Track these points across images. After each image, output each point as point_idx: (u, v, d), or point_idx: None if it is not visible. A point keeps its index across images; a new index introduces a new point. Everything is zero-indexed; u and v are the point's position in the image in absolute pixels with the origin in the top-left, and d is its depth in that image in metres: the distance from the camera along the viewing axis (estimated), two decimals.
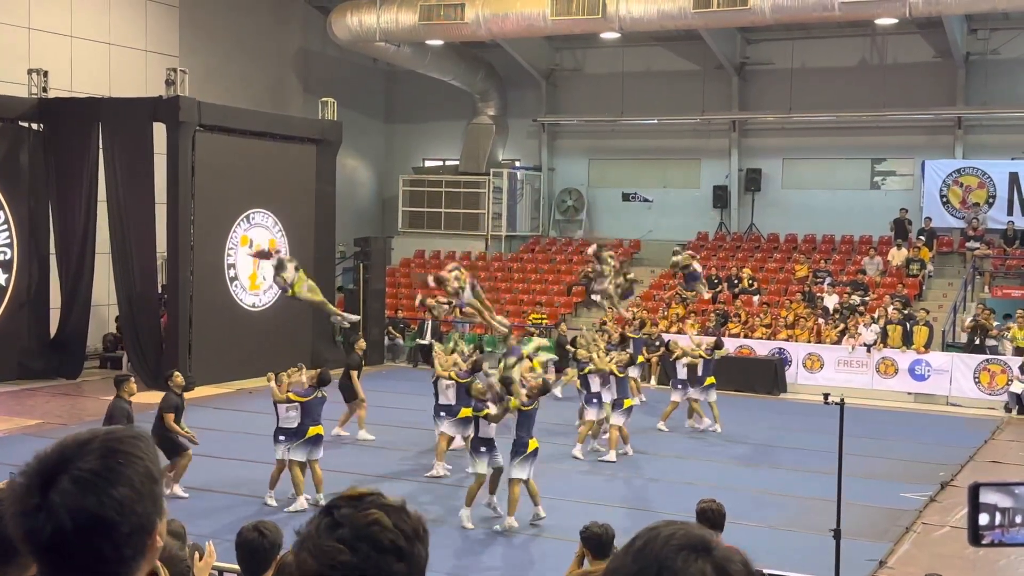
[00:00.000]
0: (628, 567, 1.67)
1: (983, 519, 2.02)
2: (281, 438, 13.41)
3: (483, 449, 12.80)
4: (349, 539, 1.73)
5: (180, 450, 13.65)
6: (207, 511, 12.99)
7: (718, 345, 19.87)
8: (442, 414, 15.52)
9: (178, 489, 13.52)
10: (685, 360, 18.75)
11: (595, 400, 16.61)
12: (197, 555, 5.39)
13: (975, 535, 2.05)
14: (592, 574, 7.31)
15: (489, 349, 23.34)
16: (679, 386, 18.95)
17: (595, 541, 7.28)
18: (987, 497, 2.02)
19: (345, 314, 17.80)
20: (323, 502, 12.84)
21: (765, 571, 7.28)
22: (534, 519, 12.69)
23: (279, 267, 13.44)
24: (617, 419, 16.59)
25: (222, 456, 15.61)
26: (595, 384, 16.68)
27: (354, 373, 17.26)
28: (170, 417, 13.62)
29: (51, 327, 23.28)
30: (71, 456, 1.82)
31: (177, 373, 14.52)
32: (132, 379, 13.75)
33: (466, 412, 14.44)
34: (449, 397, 15.36)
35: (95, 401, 19.37)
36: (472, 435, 13.32)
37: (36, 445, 1.92)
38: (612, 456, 16.41)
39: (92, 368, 23.84)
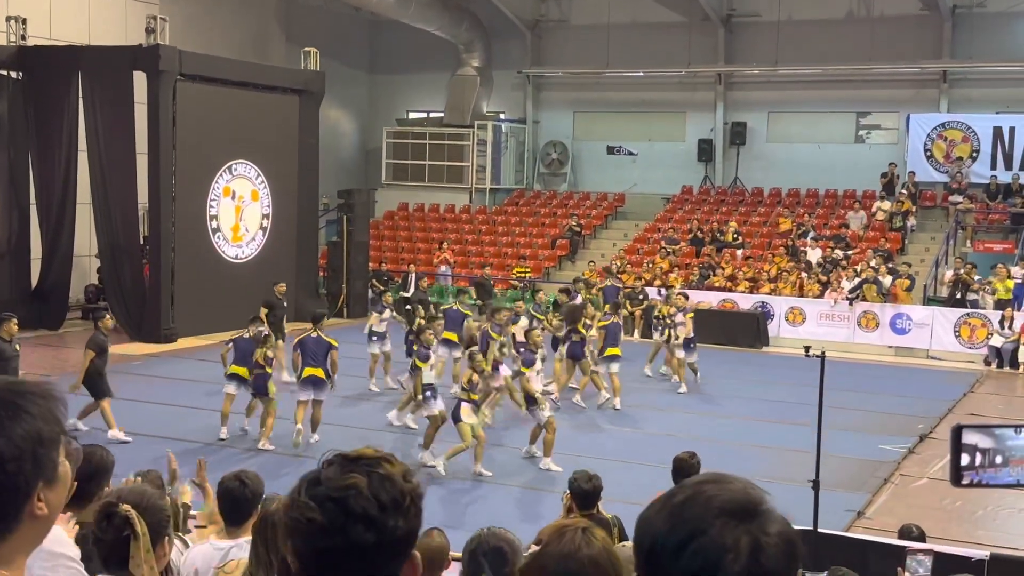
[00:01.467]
0: (659, 525, 1.59)
1: (964, 459, 2.04)
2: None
3: (428, 394, 13.49)
4: (322, 498, 1.71)
5: (103, 394, 13.90)
6: (190, 461, 13.01)
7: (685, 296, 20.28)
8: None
9: (117, 433, 13.60)
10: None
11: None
12: (208, 496, 5.41)
13: (956, 475, 2.06)
14: (567, 527, 7.38)
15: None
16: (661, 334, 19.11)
17: (580, 494, 7.38)
18: (969, 438, 2.04)
19: None
20: (314, 439, 13.39)
21: None
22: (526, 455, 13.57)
23: None
24: (614, 367, 16.91)
25: (204, 407, 15.63)
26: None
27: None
28: (90, 355, 13.94)
29: (32, 278, 23.15)
30: None
31: (108, 317, 15.41)
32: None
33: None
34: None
35: (77, 352, 19.24)
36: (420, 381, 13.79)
37: None
38: (618, 403, 16.71)
39: (74, 319, 23.75)
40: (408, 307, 17.85)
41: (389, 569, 1.75)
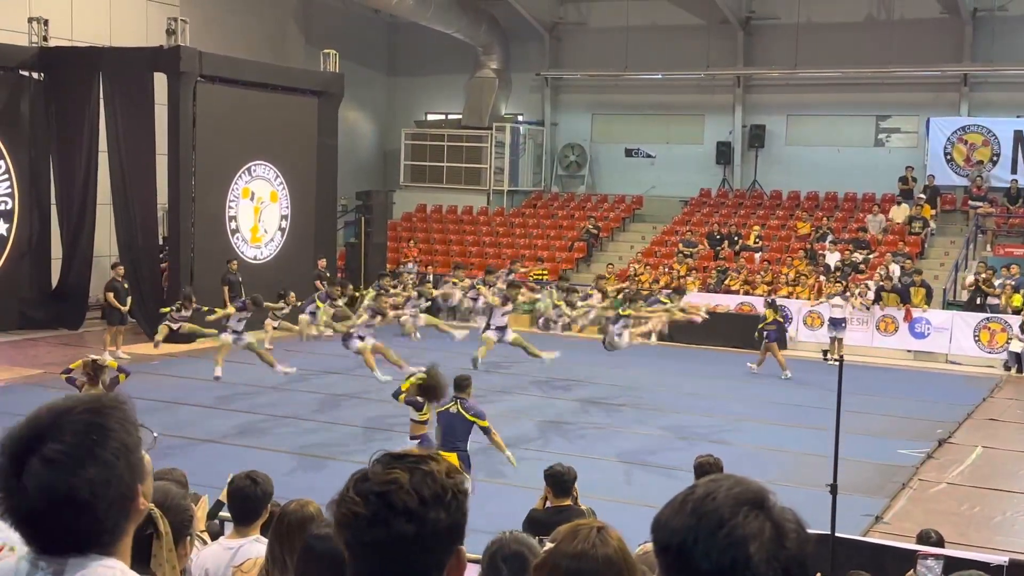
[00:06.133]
0: (685, 519, 1.65)
1: None
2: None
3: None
4: (366, 493, 1.81)
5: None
6: (203, 460, 13.08)
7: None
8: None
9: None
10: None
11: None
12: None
13: None
14: (582, 526, 7.40)
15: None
16: None
17: (556, 479, 7.50)
18: None
19: None
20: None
21: None
22: None
23: None
24: None
25: (220, 407, 15.70)
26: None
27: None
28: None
29: (53, 277, 23.30)
30: (42, 434, 1.84)
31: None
32: None
33: None
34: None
35: (97, 352, 19.41)
36: None
37: (38, 394, 1.93)
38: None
39: (94, 319, 23.87)
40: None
41: (434, 560, 1.84)
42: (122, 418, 1.90)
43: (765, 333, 20.35)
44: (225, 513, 6.18)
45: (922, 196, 27.11)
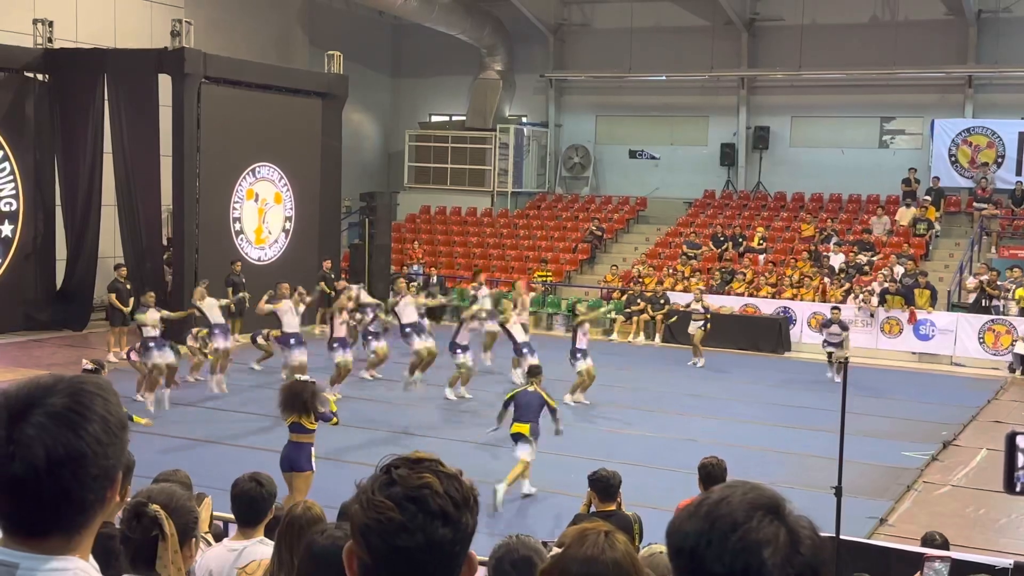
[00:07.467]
0: (699, 524, 1.66)
1: (1020, 460, 2.06)
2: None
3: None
4: (399, 498, 1.78)
5: None
6: (206, 461, 13.08)
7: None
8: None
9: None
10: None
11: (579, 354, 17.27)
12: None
13: (1010, 482, 2.09)
14: (590, 530, 7.40)
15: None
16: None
17: (602, 484, 7.49)
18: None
19: None
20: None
21: None
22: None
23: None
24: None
25: (223, 408, 15.71)
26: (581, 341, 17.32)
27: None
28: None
29: (57, 279, 23.33)
30: (41, 393, 1.77)
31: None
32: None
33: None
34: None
35: (101, 353, 19.47)
36: None
37: None
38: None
39: (98, 320, 23.89)
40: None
41: (458, 563, 1.82)
42: (113, 397, 1.82)
43: (707, 326, 21.50)
44: (228, 514, 6.19)
45: (927, 198, 27.08)
